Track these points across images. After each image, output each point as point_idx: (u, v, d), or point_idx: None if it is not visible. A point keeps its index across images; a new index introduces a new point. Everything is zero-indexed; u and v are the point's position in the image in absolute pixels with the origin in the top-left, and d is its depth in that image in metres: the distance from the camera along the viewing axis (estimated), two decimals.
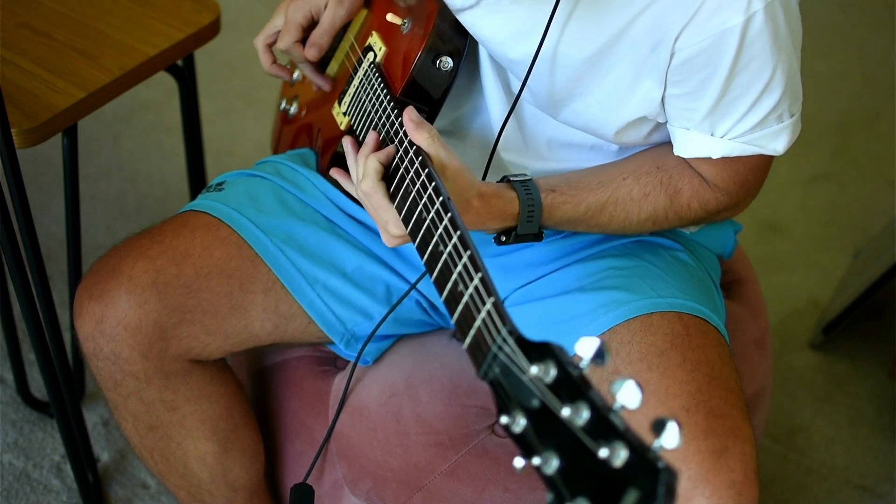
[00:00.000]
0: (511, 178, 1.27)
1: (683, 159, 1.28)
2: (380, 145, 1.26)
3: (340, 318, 1.40)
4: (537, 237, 1.27)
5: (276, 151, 1.68)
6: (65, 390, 1.63)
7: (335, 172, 1.33)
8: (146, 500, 1.83)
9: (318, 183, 1.45)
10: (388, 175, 1.21)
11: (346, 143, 1.30)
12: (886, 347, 2.17)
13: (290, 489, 1.36)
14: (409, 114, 1.21)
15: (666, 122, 1.26)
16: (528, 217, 1.25)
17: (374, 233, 1.43)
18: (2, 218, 1.44)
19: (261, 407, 1.54)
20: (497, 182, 1.27)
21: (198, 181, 1.91)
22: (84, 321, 1.33)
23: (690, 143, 1.24)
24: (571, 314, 1.32)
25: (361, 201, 1.25)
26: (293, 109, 1.60)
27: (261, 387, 1.55)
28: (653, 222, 1.31)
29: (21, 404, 1.94)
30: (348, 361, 1.49)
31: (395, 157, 1.21)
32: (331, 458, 1.45)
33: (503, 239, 1.27)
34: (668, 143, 1.31)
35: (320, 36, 1.43)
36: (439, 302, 1.44)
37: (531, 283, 1.39)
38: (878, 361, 2.16)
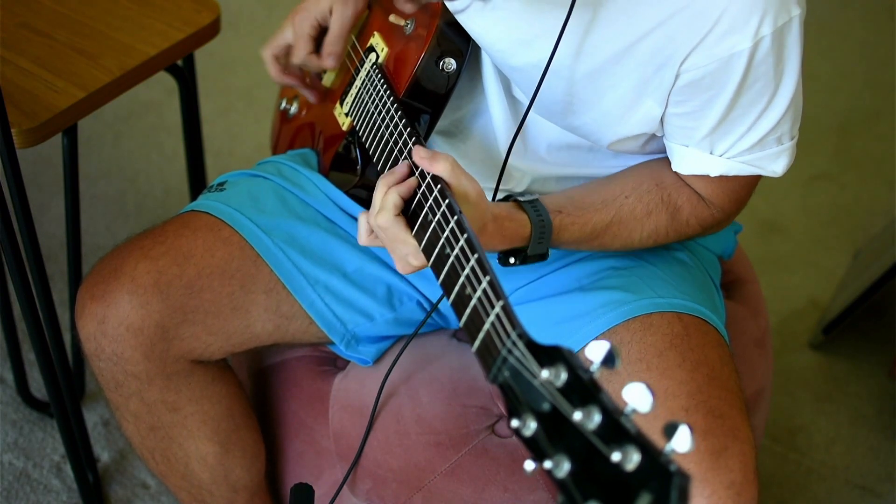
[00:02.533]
0: (519, 200, 1.25)
1: (680, 176, 1.28)
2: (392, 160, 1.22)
3: (341, 318, 1.40)
4: (543, 257, 1.26)
5: (275, 150, 1.68)
6: (65, 390, 1.63)
7: (362, 216, 1.24)
8: (146, 500, 1.83)
9: (320, 183, 1.45)
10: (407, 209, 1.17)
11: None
12: (886, 347, 2.17)
13: (290, 489, 1.36)
14: (419, 152, 1.16)
15: (663, 136, 1.26)
16: (539, 239, 1.24)
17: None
18: (2, 218, 1.44)
19: (261, 407, 1.54)
20: (502, 201, 1.26)
21: (198, 181, 1.91)
22: (86, 322, 1.33)
23: (688, 160, 1.24)
24: (571, 314, 1.32)
25: (363, 235, 1.21)
26: (293, 109, 1.61)
27: (261, 387, 1.55)
28: (654, 240, 1.31)
29: (21, 404, 1.94)
30: (348, 361, 1.49)
31: (417, 191, 1.16)
32: (331, 458, 1.45)
33: (511, 261, 1.25)
34: (663, 158, 1.31)
35: (334, 43, 1.42)
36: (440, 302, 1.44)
37: (531, 282, 1.39)
38: (878, 361, 2.16)
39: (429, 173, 1.15)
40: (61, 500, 1.82)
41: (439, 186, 1.12)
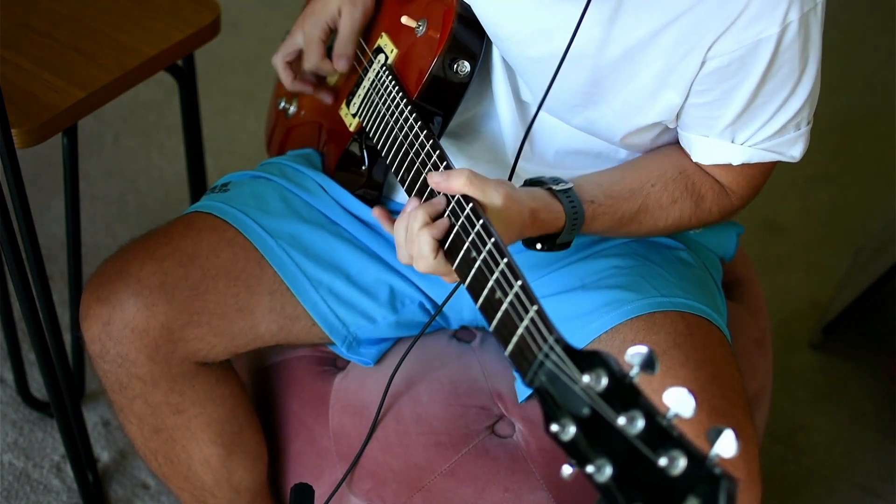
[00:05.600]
0: (554, 189, 1.22)
1: (701, 165, 1.28)
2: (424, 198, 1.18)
3: (343, 320, 1.40)
4: (567, 245, 1.24)
5: (269, 149, 1.68)
6: (65, 390, 1.63)
7: (379, 215, 1.25)
8: (146, 500, 1.83)
9: (324, 184, 1.44)
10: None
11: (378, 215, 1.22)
12: (886, 347, 2.17)
13: (290, 489, 1.36)
14: (433, 177, 1.14)
15: (677, 127, 1.26)
16: (571, 229, 1.22)
17: (378, 235, 1.43)
18: (2, 218, 1.44)
19: (261, 407, 1.54)
20: (534, 184, 1.24)
21: (198, 181, 1.91)
22: (91, 323, 1.32)
23: (709, 151, 1.24)
24: (574, 313, 1.32)
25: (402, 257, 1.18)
26: (292, 108, 1.60)
27: (261, 387, 1.55)
28: (676, 227, 1.31)
29: (21, 404, 1.94)
30: (348, 361, 1.49)
31: (451, 230, 1.12)
32: (331, 458, 1.45)
33: (538, 246, 1.23)
34: (681, 147, 1.30)
35: (344, 45, 1.43)
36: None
37: (534, 281, 1.38)
38: (878, 361, 2.16)
39: (452, 196, 1.12)
40: (61, 500, 1.82)
41: (471, 205, 1.09)
